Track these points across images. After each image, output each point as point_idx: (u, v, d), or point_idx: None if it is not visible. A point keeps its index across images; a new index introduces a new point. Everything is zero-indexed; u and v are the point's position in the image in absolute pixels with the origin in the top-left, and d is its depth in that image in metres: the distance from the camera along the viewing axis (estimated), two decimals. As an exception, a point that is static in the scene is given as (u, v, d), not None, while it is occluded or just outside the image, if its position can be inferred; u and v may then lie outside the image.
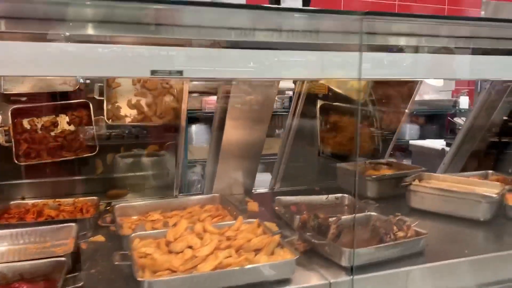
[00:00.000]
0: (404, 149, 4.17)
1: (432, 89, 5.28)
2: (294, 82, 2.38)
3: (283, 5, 1.56)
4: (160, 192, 2.21)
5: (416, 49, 1.32)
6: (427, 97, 5.25)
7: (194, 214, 1.80)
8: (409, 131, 5.01)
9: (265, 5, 1.22)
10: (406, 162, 3.87)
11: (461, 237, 1.75)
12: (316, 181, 2.47)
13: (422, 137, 4.86)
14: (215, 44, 1.21)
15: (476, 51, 1.35)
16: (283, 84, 3.47)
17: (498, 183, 2.03)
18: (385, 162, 2.53)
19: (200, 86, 2.59)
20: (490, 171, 2.48)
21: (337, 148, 2.62)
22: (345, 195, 2.01)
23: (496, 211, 1.86)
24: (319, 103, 2.55)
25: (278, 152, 2.35)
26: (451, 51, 1.30)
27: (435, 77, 1.40)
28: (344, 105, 2.63)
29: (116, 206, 1.80)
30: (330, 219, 1.55)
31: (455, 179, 2.13)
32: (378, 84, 2.71)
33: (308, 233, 1.50)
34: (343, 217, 1.64)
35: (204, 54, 1.18)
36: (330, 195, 2.02)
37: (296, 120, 2.23)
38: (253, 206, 1.98)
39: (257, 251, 1.39)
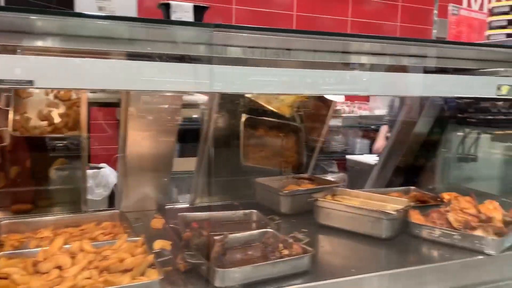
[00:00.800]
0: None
1: (383, 104, 5.35)
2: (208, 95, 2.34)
3: (173, 17, 1.53)
4: (68, 207, 2.13)
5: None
6: (377, 112, 5.31)
7: (88, 231, 1.73)
8: (359, 145, 5.05)
9: (122, 15, 1.17)
10: (345, 177, 3.89)
11: (357, 255, 1.73)
12: (238, 196, 2.43)
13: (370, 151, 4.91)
14: (71, 53, 1.16)
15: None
16: (197, 97, 3.43)
17: (406, 199, 2.03)
18: (307, 177, 2.51)
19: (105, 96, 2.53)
20: (412, 187, 2.49)
21: (262, 162, 2.59)
22: (253, 211, 1.97)
23: (400, 228, 1.85)
24: (244, 117, 2.52)
25: (195, 166, 2.30)
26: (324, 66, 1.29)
27: (294, 92, 1.38)
28: (270, 119, 2.62)
29: (3, 222, 1.71)
30: (216, 237, 1.50)
31: (367, 195, 2.12)
32: (306, 99, 2.71)
33: (188, 252, 1.44)
34: (235, 234, 1.60)
35: (58, 63, 1.12)
36: (238, 211, 1.98)
37: (211, 133, 2.19)
38: (157, 223, 1.92)
39: (128, 271, 1.33)
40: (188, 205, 2.33)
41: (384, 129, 3.96)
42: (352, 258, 1.71)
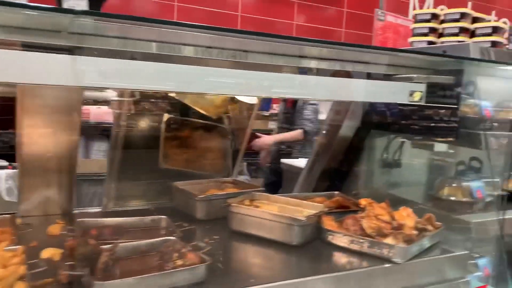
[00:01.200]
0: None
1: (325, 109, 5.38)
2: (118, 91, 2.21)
3: (65, 5, 1.40)
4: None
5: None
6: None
7: (-31, 238, 1.56)
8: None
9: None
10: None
11: (265, 263, 1.66)
12: (157, 201, 2.31)
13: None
14: None
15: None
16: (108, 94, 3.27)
17: (321, 205, 1.98)
18: (231, 181, 2.43)
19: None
20: (336, 192, 2.46)
21: (185, 165, 2.48)
22: (162, 216, 1.86)
23: (312, 235, 1.80)
24: (166, 116, 2.40)
25: (106, 168, 2.16)
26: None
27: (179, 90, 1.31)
28: (195, 120, 2.52)
29: None
30: (104, 246, 1.38)
31: (286, 201, 2.06)
32: (235, 100, 2.63)
33: (72, 262, 1.32)
34: (131, 243, 1.49)
35: None
36: (146, 217, 1.86)
37: (123, 133, 2.06)
38: (55, 229, 1.77)
39: (-6, 284, 1.19)
40: (100, 210, 2.19)
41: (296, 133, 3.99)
42: (259, 266, 1.64)
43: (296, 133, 3.96)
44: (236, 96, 2.40)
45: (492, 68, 2.01)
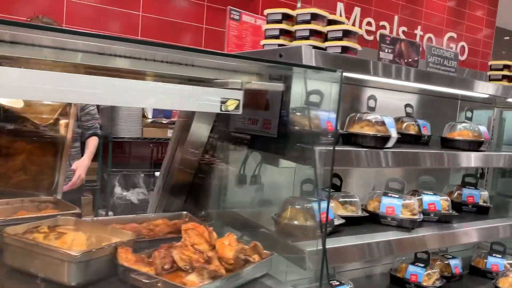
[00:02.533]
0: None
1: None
2: None
3: None
4: None
5: None
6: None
7: None
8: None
9: None
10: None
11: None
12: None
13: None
14: None
15: None
16: None
17: (131, 232, 1.66)
18: (53, 200, 2.06)
19: None
20: (184, 212, 2.17)
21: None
22: None
23: (102, 272, 1.47)
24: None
25: None
26: None
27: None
28: (17, 127, 2.13)
29: None
30: None
31: (98, 227, 1.73)
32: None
33: None
34: None
35: None
36: None
37: None
38: None
39: None
40: None
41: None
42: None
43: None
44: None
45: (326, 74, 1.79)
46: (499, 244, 2.84)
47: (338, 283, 2.09)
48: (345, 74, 1.96)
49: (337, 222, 1.93)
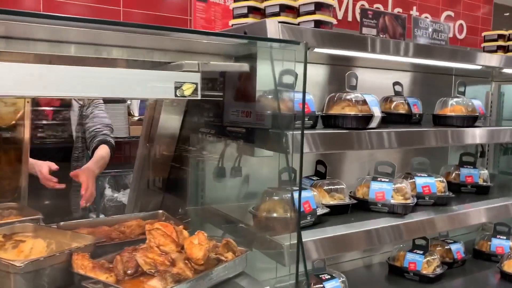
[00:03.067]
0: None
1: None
2: None
3: None
4: None
5: None
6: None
7: None
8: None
9: None
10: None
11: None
12: None
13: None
14: None
15: None
16: None
17: (91, 237, 1.53)
18: (16, 207, 1.93)
19: None
20: (160, 211, 2.03)
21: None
22: None
23: (57, 281, 1.33)
24: None
25: None
26: None
27: None
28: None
29: None
30: None
31: (59, 232, 1.59)
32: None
33: None
34: None
35: None
36: None
37: None
38: None
39: None
40: None
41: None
42: None
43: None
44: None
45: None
46: (504, 225, 2.68)
47: (329, 276, 1.94)
48: (323, 51, 1.81)
49: (320, 211, 1.77)
